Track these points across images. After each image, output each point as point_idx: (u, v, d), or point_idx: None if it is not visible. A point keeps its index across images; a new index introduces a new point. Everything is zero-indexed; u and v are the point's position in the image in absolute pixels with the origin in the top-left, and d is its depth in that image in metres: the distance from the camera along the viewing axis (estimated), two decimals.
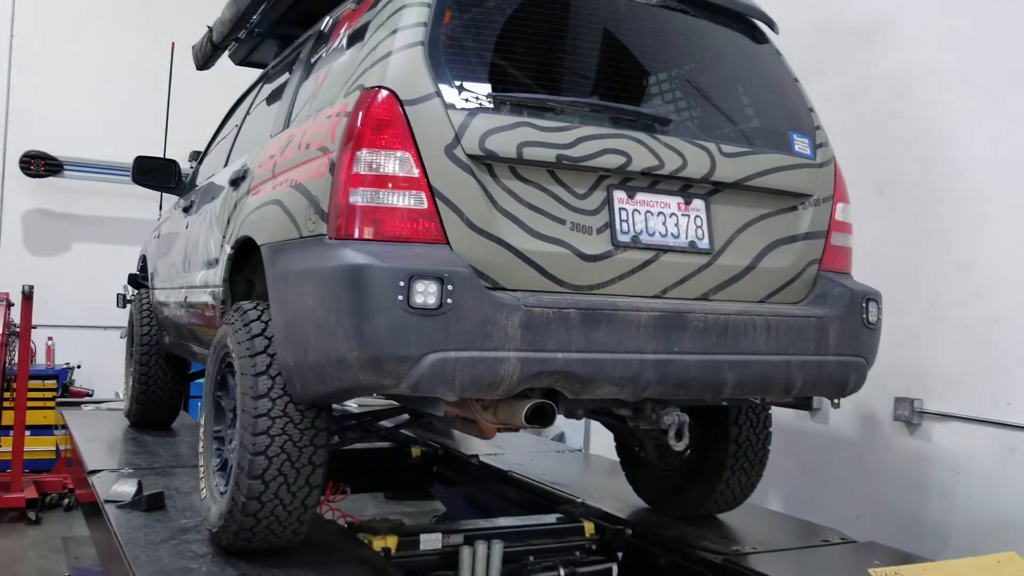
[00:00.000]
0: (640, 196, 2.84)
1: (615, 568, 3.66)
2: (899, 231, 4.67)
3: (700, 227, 2.92)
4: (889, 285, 3.43)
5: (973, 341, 4.34)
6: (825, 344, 2.98)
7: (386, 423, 4.50)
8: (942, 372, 4.48)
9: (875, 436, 4.78)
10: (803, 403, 3.23)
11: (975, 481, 4.30)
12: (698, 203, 2.94)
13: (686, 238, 2.89)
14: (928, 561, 3.44)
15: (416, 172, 2.52)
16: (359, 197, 2.50)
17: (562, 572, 3.51)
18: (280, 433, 2.74)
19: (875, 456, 4.76)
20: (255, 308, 2.95)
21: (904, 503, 4.54)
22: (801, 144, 3.21)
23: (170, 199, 5.88)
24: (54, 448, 7.58)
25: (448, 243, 2.53)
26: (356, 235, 2.49)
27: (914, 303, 4.50)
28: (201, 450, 3.28)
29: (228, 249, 3.37)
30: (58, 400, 7.35)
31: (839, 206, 3.26)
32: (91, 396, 7.75)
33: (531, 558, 3.53)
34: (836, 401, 3.20)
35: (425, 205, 2.52)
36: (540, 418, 2.64)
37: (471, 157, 2.58)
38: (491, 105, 2.66)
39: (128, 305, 5.71)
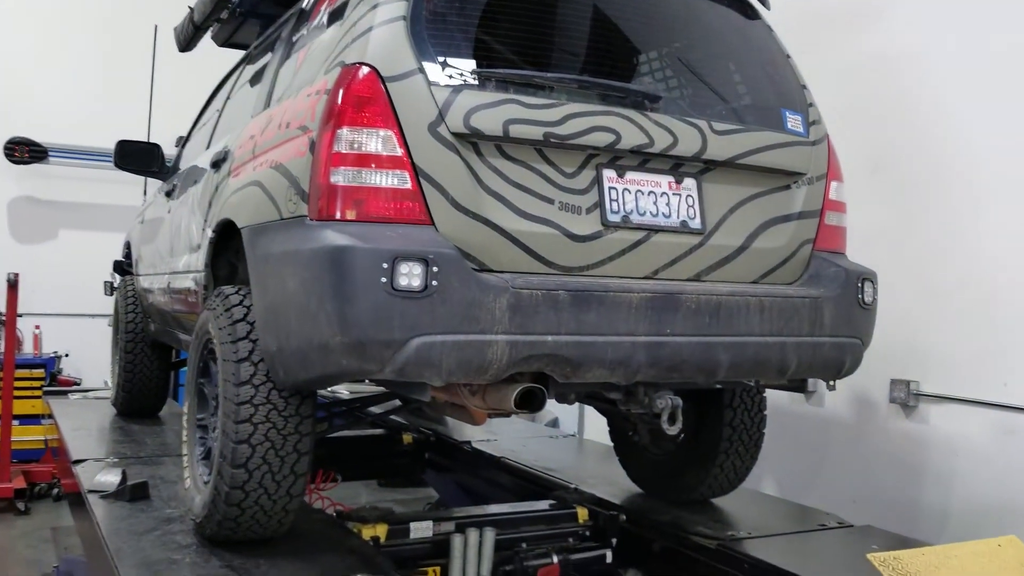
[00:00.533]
0: (630, 175, 2.77)
1: (609, 554, 3.61)
2: (894, 211, 4.60)
3: (692, 206, 2.85)
4: (884, 266, 3.37)
5: (970, 322, 4.28)
6: (820, 325, 2.92)
7: (377, 409, 4.45)
8: (939, 353, 4.42)
9: (871, 419, 4.73)
10: (798, 385, 3.17)
11: (973, 464, 4.25)
12: (689, 182, 2.87)
13: (677, 218, 2.82)
14: (926, 545, 3.40)
15: (399, 151, 2.45)
16: (340, 177, 2.43)
17: (555, 559, 3.46)
18: (263, 421, 2.68)
19: (871, 439, 4.71)
20: (237, 293, 2.88)
21: (901, 486, 4.49)
22: (794, 121, 3.14)
23: (155, 184, 5.80)
24: (43, 438, 7.51)
25: (433, 224, 2.46)
26: (338, 216, 2.42)
27: (910, 284, 4.43)
28: (185, 439, 3.22)
29: (209, 233, 3.30)
30: (45, 389, 7.26)
31: (833, 184, 3.19)
32: (79, 385, 7.67)
33: (524, 545, 3.48)
34: (832, 383, 3.15)
35: (409, 185, 2.45)
36: (530, 403, 2.58)
37: (456, 135, 2.51)
38: (476, 81, 2.59)
39: (115, 292, 5.64)
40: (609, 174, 2.73)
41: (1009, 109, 4.15)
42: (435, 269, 2.33)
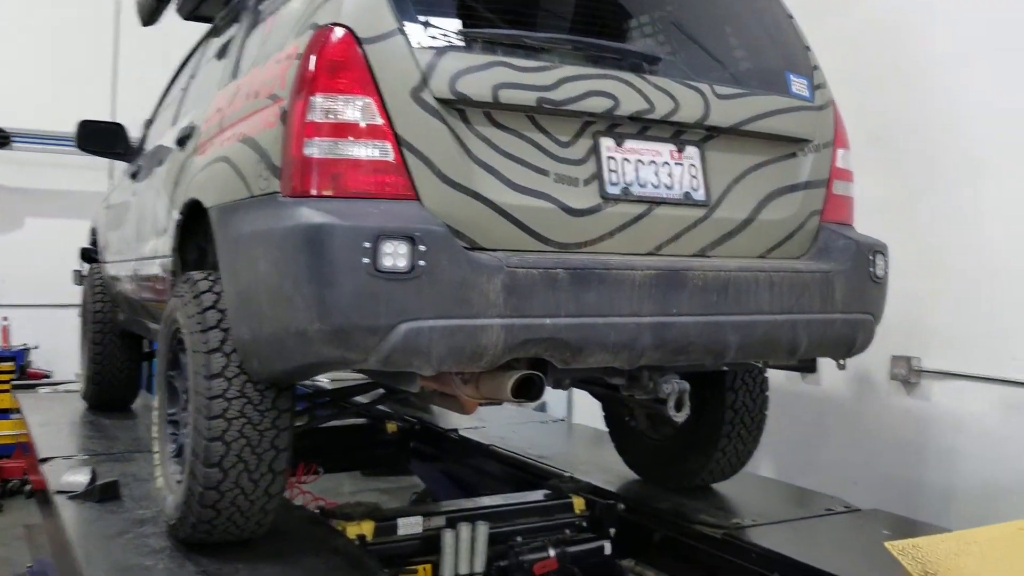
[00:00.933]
0: (629, 143, 2.58)
1: (608, 545, 3.44)
2: (895, 182, 4.44)
3: (695, 177, 2.67)
4: (884, 238, 3.21)
5: (973, 295, 4.14)
6: (831, 301, 2.76)
7: (361, 399, 4.27)
8: (941, 328, 4.28)
9: (871, 396, 4.59)
10: (807, 365, 3.01)
11: (977, 441, 4.12)
12: (692, 151, 2.69)
13: (680, 189, 2.63)
14: (938, 527, 3.26)
15: (379, 119, 2.25)
16: (315, 149, 2.23)
17: (552, 552, 3.29)
18: (238, 416, 2.49)
19: (871, 417, 4.57)
20: (206, 278, 2.68)
21: (903, 466, 4.36)
22: (799, 85, 2.96)
23: (122, 168, 5.54)
24: (13, 432, 7.26)
25: (418, 198, 2.26)
26: (313, 191, 2.22)
27: (910, 257, 4.24)
28: (155, 435, 3.03)
29: (176, 215, 3.08)
30: (14, 383, 7.02)
31: (839, 152, 3.03)
32: (49, 378, 7.42)
33: (518, 539, 3.31)
34: (842, 362, 2.98)
35: (391, 156, 2.25)
36: (527, 391, 2.40)
37: (441, 101, 2.31)
38: (461, 43, 2.39)
39: (83, 281, 5.42)
40: (607, 143, 2.54)
41: (1012, 80, 3.99)
42: (422, 248, 2.14)
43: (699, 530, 3.24)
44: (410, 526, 3.19)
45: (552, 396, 6.48)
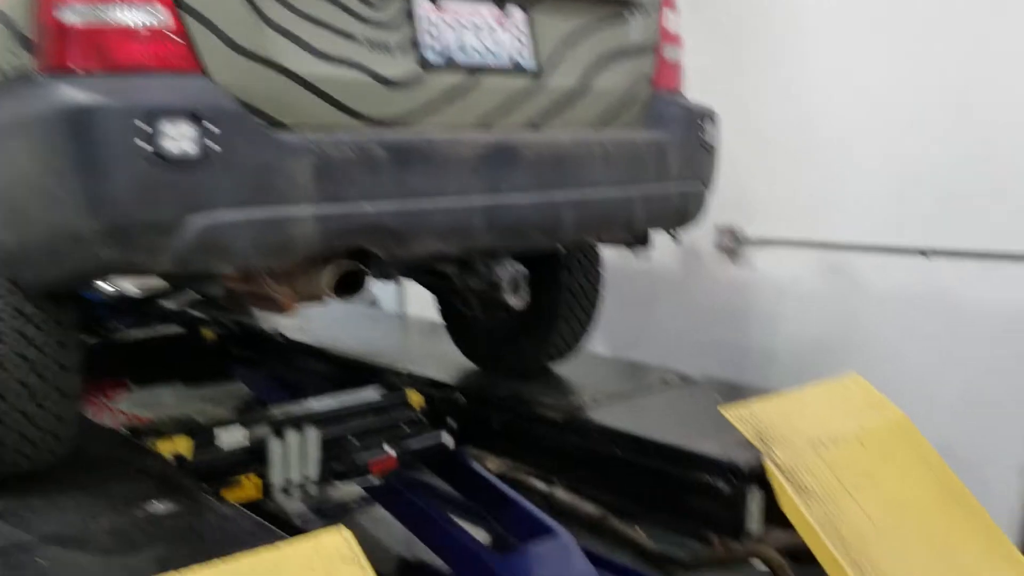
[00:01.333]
0: (447, 4, 2.33)
1: (447, 436, 3.33)
2: (718, 52, 4.38)
3: (522, 43, 2.46)
4: None
5: (797, 166, 4.19)
6: (665, 171, 2.67)
7: (169, 304, 3.90)
8: (765, 198, 4.34)
9: (698, 268, 4.64)
10: (641, 239, 2.92)
11: (796, 303, 4.27)
12: (516, 12, 2.47)
13: (507, 56, 2.42)
14: (762, 388, 3.32)
15: None
16: (73, 14, 1.86)
17: (389, 449, 3.14)
18: (13, 334, 2.15)
19: (700, 288, 4.64)
20: None
21: (731, 333, 4.47)
22: None
23: None
24: None
25: (205, 71, 1.95)
26: (75, 67, 1.87)
27: (735, 129, 4.21)
28: None
29: None
30: None
31: (667, 13, 2.88)
32: None
33: (353, 440, 3.13)
34: (676, 233, 2.92)
35: (168, 21, 1.91)
36: (349, 286, 2.18)
37: None
38: None
39: None
40: (422, 3, 2.27)
41: None
42: (212, 127, 1.85)
43: (539, 413, 3.17)
44: (232, 437, 2.94)
45: (383, 288, 6.26)
